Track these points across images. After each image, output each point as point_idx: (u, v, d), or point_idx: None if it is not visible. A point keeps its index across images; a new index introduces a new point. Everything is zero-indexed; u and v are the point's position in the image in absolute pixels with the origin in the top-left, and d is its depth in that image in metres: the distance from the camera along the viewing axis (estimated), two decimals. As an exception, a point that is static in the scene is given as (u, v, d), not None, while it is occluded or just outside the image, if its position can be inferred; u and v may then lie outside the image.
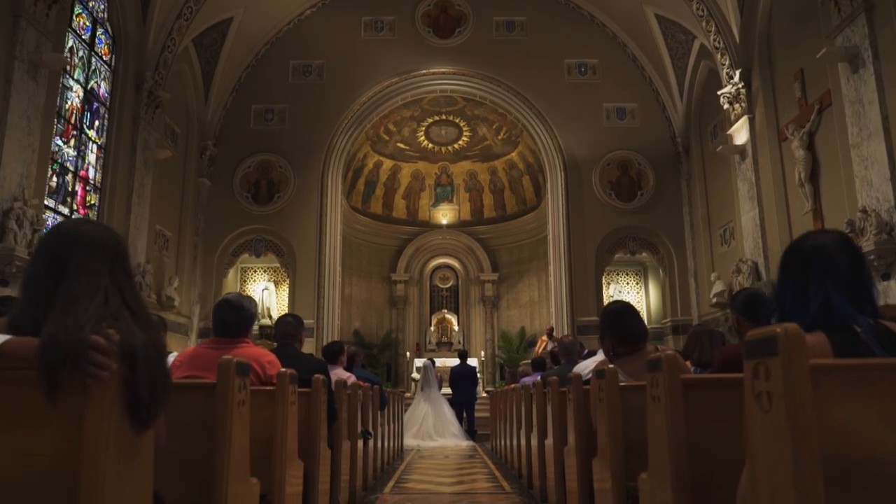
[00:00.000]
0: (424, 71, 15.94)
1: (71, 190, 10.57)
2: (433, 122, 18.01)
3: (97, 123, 11.31)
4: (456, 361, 13.52)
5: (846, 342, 1.55)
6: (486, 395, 15.23)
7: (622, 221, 15.53)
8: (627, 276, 17.41)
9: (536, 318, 17.90)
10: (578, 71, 16.06)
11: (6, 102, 8.36)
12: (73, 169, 10.57)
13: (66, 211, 10.34)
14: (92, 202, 11.18)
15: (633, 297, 17.04)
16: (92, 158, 11.18)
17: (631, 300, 16.83)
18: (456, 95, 16.55)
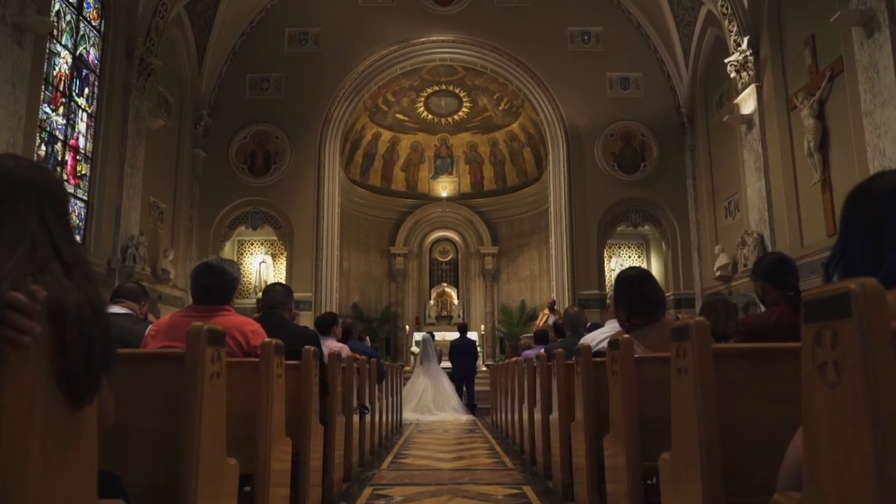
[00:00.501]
0: (424, 39, 15.55)
1: (61, 159, 10.30)
2: (433, 92, 17.64)
3: (87, 91, 10.99)
4: (456, 335, 13.35)
5: None
6: (485, 368, 15.10)
7: (625, 193, 15.27)
8: (629, 249, 17.19)
9: (537, 291, 17.72)
10: (581, 39, 15.68)
11: (-11, 67, 8.07)
12: (62, 138, 10.28)
13: (55, 181, 10.07)
14: (83, 172, 10.91)
15: (634, 270, 16.80)
16: (82, 127, 10.89)
17: (632, 274, 16.63)
18: (456, 65, 16.18)
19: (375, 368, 6.49)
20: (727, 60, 12.37)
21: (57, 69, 10.09)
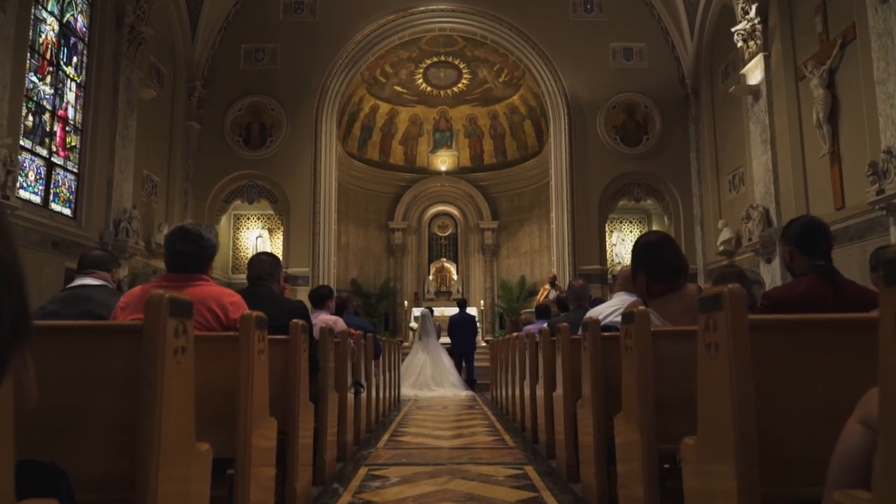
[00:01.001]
0: (423, 8, 15.17)
1: (49, 130, 10.02)
2: (431, 63, 17.28)
3: (75, 60, 10.67)
4: (455, 310, 13.17)
5: None
6: (485, 344, 14.96)
7: (627, 167, 15.00)
8: (631, 223, 16.97)
9: (537, 266, 17.53)
10: (584, 8, 15.30)
11: (-29, 33, 7.78)
12: (50, 108, 9.99)
13: (44, 152, 9.82)
14: (73, 143, 10.63)
15: (636, 245, 16.61)
16: (71, 97, 10.58)
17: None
18: (455, 35, 15.81)
19: (371, 343, 6.29)
20: (734, 29, 12.04)
21: (43, 36, 9.76)
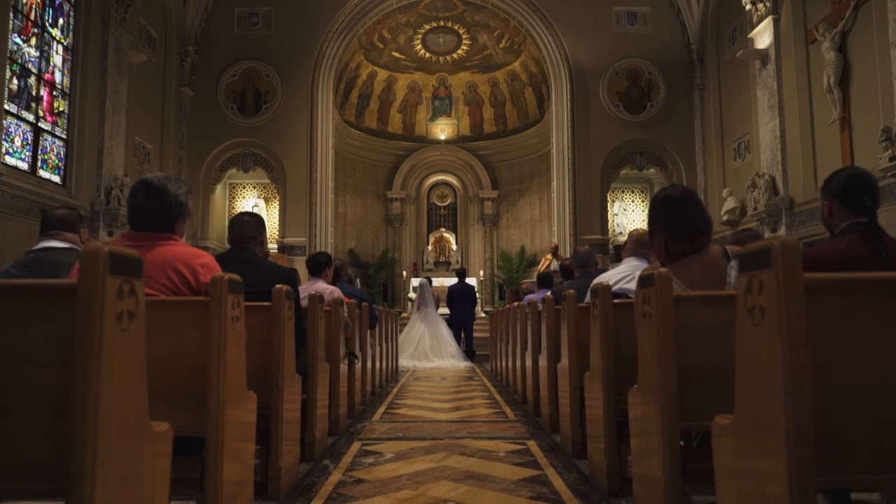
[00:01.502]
0: (421, -30, 14.73)
1: (36, 94, 9.69)
2: (430, 28, 16.83)
3: (61, 21, 10.30)
4: (454, 281, 12.95)
5: None
6: (484, 315, 14.77)
7: (630, 135, 14.67)
8: (633, 193, 16.69)
9: (537, 237, 17.29)
10: (587, -30, 14.85)
11: (-52, -10, 7.44)
12: (36, 71, 9.65)
13: (31, 117, 9.51)
14: (61, 108, 10.31)
15: (637, 215, 16.38)
16: (58, 61, 10.23)
17: (635, 220, 16.19)
18: (455, -2, 15.39)
19: (367, 313, 6.07)
20: (743, -9, 11.66)
21: (27, -4, 9.40)
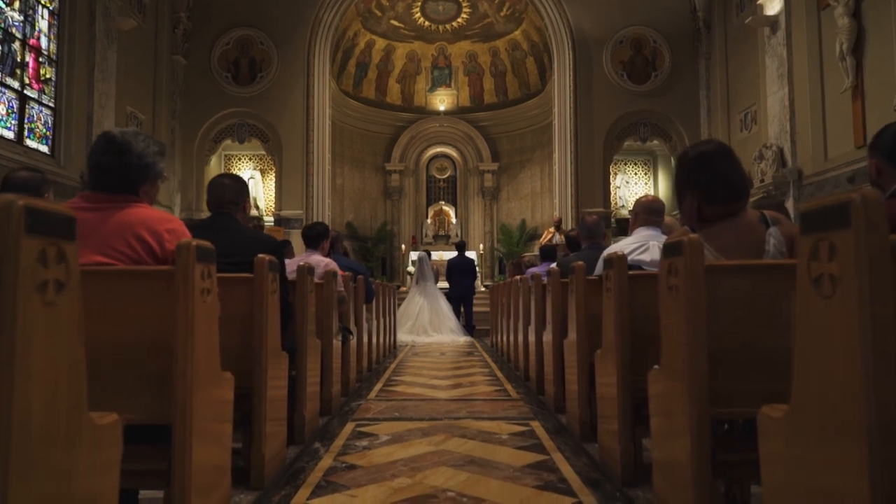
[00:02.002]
0: (420, -66, 14.28)
1: (21, 60, 9.37)
2: (430, -5, 16.42)
3: (47, -16, 9.95)
4: (453, 254, 12.72)
5: None
6: (484, 289, 14.56)
7: (634, 105, 14.34)
8: (636, 165, 16.39)
9: (538, 210, 17.02)
10: (591, -66, 14.40)
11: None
12: (20, 36, 9.32)
13: (16, 84, 9.20)
14: (47, 75, 9.99)
15: (640, 187, 16.10)
16: (43, 25, 9.89)
17: (637, 192, 15.90)
18: (455, -37, 14.95)
19: (362, 286, 5.84)
20: (753, -45, 11.27)
21: (9, -43, 9.04)
